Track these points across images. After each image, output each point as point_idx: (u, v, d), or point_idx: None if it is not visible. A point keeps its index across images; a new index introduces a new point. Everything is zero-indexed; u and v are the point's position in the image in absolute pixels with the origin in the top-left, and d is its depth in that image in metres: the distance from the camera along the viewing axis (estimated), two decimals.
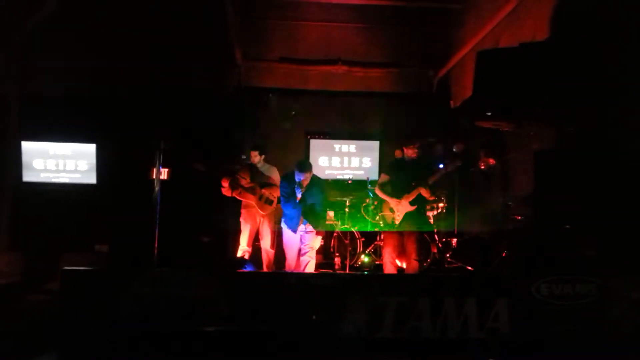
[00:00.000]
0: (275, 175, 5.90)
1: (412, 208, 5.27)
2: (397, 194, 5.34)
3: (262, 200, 5.77)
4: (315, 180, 5.42)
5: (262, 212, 5.81)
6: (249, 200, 5.82)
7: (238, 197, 5.86)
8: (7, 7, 6.21)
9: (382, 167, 5.74)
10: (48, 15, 6.60)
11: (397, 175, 5.46)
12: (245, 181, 5.84)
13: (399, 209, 5.29)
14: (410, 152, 5.43)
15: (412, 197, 5.25)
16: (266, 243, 5.86)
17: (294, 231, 5.35)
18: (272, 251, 5.91)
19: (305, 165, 5.25)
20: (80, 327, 3.03)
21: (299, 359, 3.23)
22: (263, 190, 5.78)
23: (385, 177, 5.56)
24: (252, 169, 5.96)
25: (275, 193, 5.77)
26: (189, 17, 7.35)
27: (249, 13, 8.06)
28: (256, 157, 5.95)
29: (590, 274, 3.77)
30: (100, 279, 3.26)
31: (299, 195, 5.23)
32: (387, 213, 5.44)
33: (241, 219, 5.92)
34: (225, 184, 5.77)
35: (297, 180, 5.20)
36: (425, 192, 5.24)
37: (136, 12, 7.16)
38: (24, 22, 6.56)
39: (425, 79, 8.66)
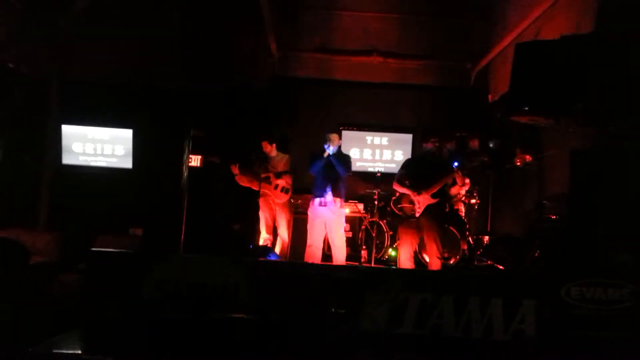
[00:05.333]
0: (289, 164, 5.97)
1: (434, 201, 5.16)
2: (417, 188, 5.23)
3: (278, 190, 5.83)
4: (343, 153, 5.79)
5: (278, 201, 5.86)
6: (265, 190, 5.87)
7: (254, 188, 5.91)
8: None
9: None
10: (91, 3, 6.79)
11: (416, 169, 5.36)
12: (261, 170, 5.90)
13: (420, 200, 5.18)
14: (430, 146, 5.38)
15: (432, 191, 5.15)
16: (282, 231, 5.93)
17: (323, 201, 5.40)
18: (288, 240, 5.99)
19: (332, 130, 5.75)
20: (103, 308, 3.11)
21: (316, 351, 3.22)
22: (278, 180, 5.83)
23: (401, 171, 5.46)
24: (267, 159, 6.01)
25: (291, 181, 5.86)
26: (225, 6, 7.40)
27: (284, 2, 8.05)
28: (267, 147, 6.00)
29: (625, 278, 3.60)
30: (126, 262, 3.33)
31: (327, 150, 5.37)
32: (406, 205, 5.33)
33: (260, 208, 5.98)
34: (235, 170, 5.84)
35: (326, 138, 5.46)
36: (459, 178, 5.13)
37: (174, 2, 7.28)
38: (69, 9, 6.76)
39: (462, 71, 8.44)
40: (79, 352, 3.04)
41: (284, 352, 3.08)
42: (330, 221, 5.47)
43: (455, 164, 5.56)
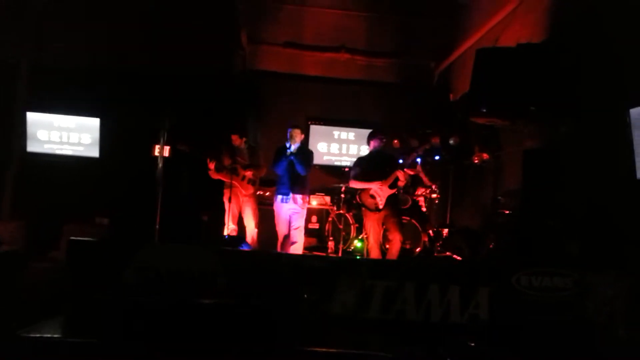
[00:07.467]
0: (257, 157, 6.14)
1: (393, 191, 5.61)
2: (377, 180, 5.58)
3: (245, 181, 5.98)
4: (306, 148, 6.02)
5: (244, 192, 6.00)
6: (233, 181, 5.97)
7: (222, 178, 6.04)
8: None
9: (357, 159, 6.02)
10: None
11: (370, 165, 5.71)
12: (228, 162, 6.03)
13: (380, 193, 5.55)
14: (377, 144, 5.77)
15: (390, 181, 5.54)
16: (250, 222, 6.08)
17: (286, 197, 5.63)
18: (256, 230, 6.13)
19: (295, 124, 5.83)
20: (84, 295, 3.23)
21: (291, 333, 3.43)
22: (246, 172, 5.98)
23: (356, 169, 5.78)
24: (235, 151, 6.13)
25: (258, 174, 6.05)
26: None
27: None
28: (237, 140, 6.13)
29: (569, 268, 3.96)
30: (105, 250, 3.45)
31: (289, 148, 5.57)
32: (368, 199, 5.64)
33: (224, 199, 6.09)
34: (211, 166, 5.94)
35: (288, 135, 5.62)
36: (401, 175, 5.50)
37: None
38: None
39: (426, 70, 8.78)
40: (61, 336, 3.14)
41: (262, 335, 3.28)
42: (292, 217, 5.73)
43: (400, 161, 5.94)
